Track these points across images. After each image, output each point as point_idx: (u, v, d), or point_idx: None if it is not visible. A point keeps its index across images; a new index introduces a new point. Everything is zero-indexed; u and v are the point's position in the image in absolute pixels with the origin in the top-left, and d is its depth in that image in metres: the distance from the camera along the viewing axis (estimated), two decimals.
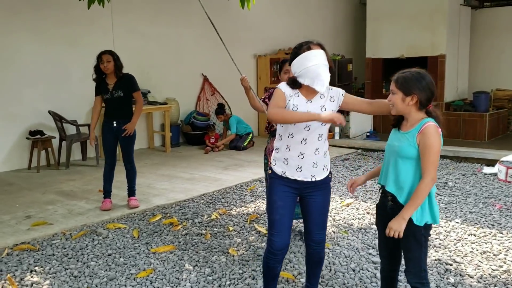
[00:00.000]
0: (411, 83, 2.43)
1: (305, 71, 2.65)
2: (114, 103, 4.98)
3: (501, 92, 10.94)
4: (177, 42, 9.08)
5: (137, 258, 3.95)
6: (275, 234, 2.78)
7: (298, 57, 2.70)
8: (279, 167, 2.78)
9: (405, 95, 2.44)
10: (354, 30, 13.00)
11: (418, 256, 2.53)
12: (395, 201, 2.51)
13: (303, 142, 2.72)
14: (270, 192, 2.82)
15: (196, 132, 8.97)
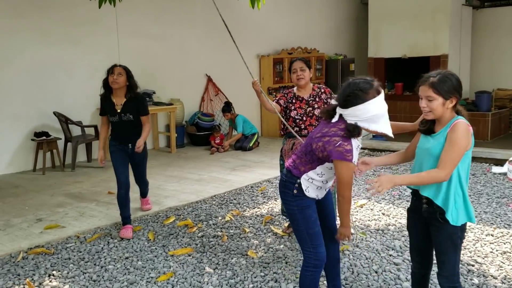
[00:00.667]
0: (450, 86, 2.37)
1: (373, 118, 2.47)
2: (125, 127, 4.40)
3: (502, 92, 10.96)
4: (181, 42, 9.03)
5: (155, 261, 3.91)
6: (319, 246, 2.74)
7: (367, 103, 2.44)
8: (313, 193, 2.73)
9: (445, 99, 2.37)
10: (355, 29, 13.00)
11: (453, 259, 2.48)
12: (430, 204, 2.46)
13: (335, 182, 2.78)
14: (303, 208, 2.72)
15: (201, 132, 8.92)
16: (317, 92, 4.18)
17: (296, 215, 2.74)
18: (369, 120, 2.49)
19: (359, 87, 2.47)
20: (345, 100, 2.50)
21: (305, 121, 4.10)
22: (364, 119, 2.48)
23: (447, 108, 2.39)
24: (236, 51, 9.34)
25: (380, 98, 2.49)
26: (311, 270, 2.75)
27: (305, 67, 4.12)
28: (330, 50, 11.90)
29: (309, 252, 2.74)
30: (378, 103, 2.47)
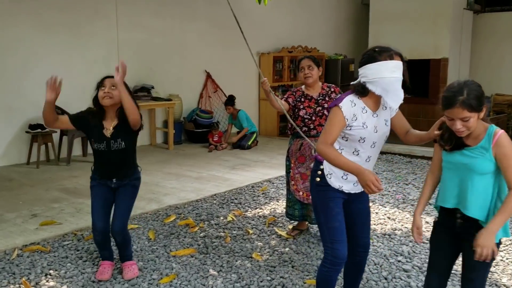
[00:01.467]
0: (480, 98, 2.20)
1: (380, 81, 2.41)
2: (113, 158, 3.32)
3: (501, 97, 10.95)
4: (181, 37, 8.87)
5: (157, 262, 3.77)
6: (338, 242, 2.60)
7: (376, 63, 2.41)
8: (337, 181, 2.59)
9: (479, 112, 2.21)
10: (356, 30, 12.91)
11: (482, 276, 2.34)
12: (467, 220, 2.31)
13: (367, 160, 2.59)
14: (325, 200, 2.62)
15: (199, 129, 8.77)
16: (326, 91, 4.06)
17: (317, 206, 2.67)
18: (377, 83, 2.42)
19: (375, 48, 2.49)
20: (362, 58, 2.51)
21: (314, 121, 3.98)
22: (372, 80, 2.43)
23: (478, 120, 2.23)
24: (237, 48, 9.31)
25: (392, 64, 2.41)
26: (327, 266, 2.66)
27: (313, 65, 4.00)
28: (330, 50, 11.79)
29: (327, 248, 2.66)
30: (389, 67, 2.40)
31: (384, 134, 2.60)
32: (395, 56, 2.44)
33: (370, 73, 2.44)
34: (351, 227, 2.75)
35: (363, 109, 2.51)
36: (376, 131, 2.54)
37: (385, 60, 2.41)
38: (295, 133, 4.10)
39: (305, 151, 4.02)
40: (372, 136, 2.53)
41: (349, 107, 2.48)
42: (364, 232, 2.77)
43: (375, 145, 2.57)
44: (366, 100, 2.52)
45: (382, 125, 2.57)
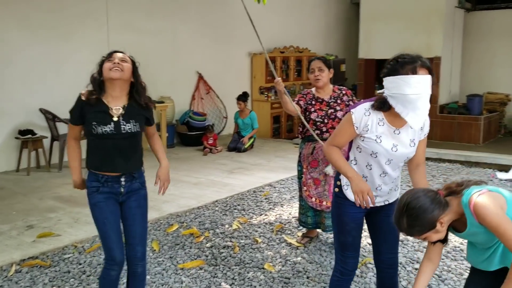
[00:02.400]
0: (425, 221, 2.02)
1: (400, 97, 2.21)
2: (122, 148, 2.67)
3: (492, 96, 10.98)
4: (172, 38, 8.66)
5: (165, 275, 3.59)
6: (349, 256, 2.56)
7: (397, 77, 2.20)
8: (352, 194, 2.42)
9: (433, 228, 2.05)
10: (346, 30, 12.84)
11: None
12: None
13: (382, 175, 2.44)
14: (340, 213, 2.53)
15: (193, 132, 8.57)
16: (338, 94, 3.92)
17: (334, 216, 2.59)
18: (397, 99, 2.21)
19: (399, 57, 2.27)
20: (385, 68, 2.31)
21: (327, 124, 3.84)
22: (392, 95, 2.24)
23: (444, 226, 2.06)
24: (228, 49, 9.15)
25: (415, 79, 2.17)
26: (337, 276, 2.61)
27: (324, 67, 3.86)
28: (321, 50, 11.69)
29: (338, 259, 2.62)
30: (410, 82, 2.17)
31: (406, 155, 2.39)
32: (419, 69, 2.20)
33: (390, 86, 2.24)
34: (375, 242, 2.65)
35: (381, 120, 2.33)
36: (396, 150, 2.34)
37: (407, 74, 2.19)
38: (307, 137, 3.96)
39: (318, 155, 3.88)
40: (387, 154, 2.35)
41: (361, 115, 2.33)
42: (387, 248, 2.59)
43: (390, 162, 2.39)
44: (388, 114, 2.32)
45: (405, 145, 2.36)
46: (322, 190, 3.92)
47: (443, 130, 9.82)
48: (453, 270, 3.67)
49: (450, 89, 10.82)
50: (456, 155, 7.09)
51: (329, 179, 3.89)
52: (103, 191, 2.66)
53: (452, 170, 6.83)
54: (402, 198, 2.11)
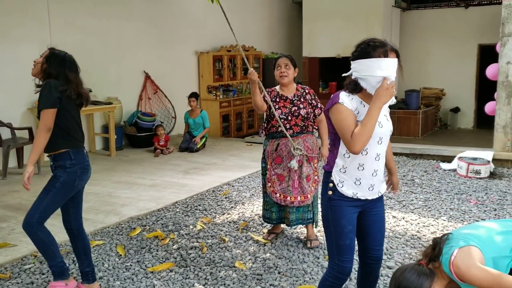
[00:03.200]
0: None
1: (371, 79, 2.33)
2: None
3: (428, 91, 11.57)
4: (117, 37, 8.43)
5: (135, 279, 3.52)
6: (347, 260, 2.52)
7: (369, 59, 2.32)
8: (350, 188, 2.46)
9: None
10: (289, 29, 13.04)
11: None
12: None
13: (377, 158, 2.47)
14: (337, 216, 2.49)
15: (142, 133, 8.40)
16: (301, 92, 4.01)
17: (329, 220, 2.51)
18: (367, 80, 2.34)
19: (369, 41, 2.39)
20: (355, 51, 2.41)
21: (290, 121, 3.91)
22: (363, 77, 2.36)
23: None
24: (175, 48, 9.03)
25: (386, 62, 2.31)
26: (331, 280, 2.57)
27: (290, 65, 3.93)
28: (266, 48, 11.82)
29: (334, 263, 2.55)
30: (382, 65, 2.30)
31: (388, 129, 2.50)
32: (390, 53, 2.36)
33: (361, 69, 2.36)
34: (363, 239, 2.65)
35: (361, 103, 2.42)
36: (382, 126, 2.43)
37: (379, 57, 2.32)
38: (271, 134, 4.01)
39: (282, 151, 3.94)
40: (377, 131, 2.41)
41: (348, 100, 2.39)
42: (376, 244, 2.64)
43: (381, 141, 2.46)
44: (362, 95, 2.43)
45: (385, 120, 2.47)
46: (286, 186, 3.99)
47: None
48: (414, 257, 3.85)
49: None
50: (401, 148, 7.43)
51: (292, 174, 3.96)
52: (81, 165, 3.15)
53: (398, 163, 7.16)
54: (393, 277, 2.27)
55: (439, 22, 11.49)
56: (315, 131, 4.13)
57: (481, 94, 10.91)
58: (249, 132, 10.50)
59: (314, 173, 4.02)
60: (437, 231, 4.41)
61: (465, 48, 11.16)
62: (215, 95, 9.94)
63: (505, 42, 6.88)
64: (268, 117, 3.98)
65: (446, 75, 11.44)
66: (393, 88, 2.33)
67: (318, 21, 11.07)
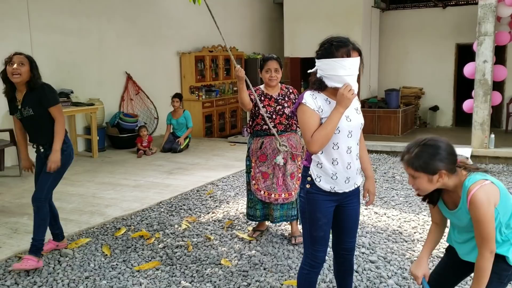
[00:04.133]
0: (431, 160, 2.09)
1: (335, 77, 2.42)
2: (29, 125, 3.69)
3: (408, 90, 11.75)
4: (99, 37, 8.39)
5: (122, 278, 3.54)
6: (320, 250, 2.63)
7: (333, 59, 2.40)
8: (327, 183, 2.54)
9: (431, 174, 2.11)
10: (270, 29, 13.11)
11: None
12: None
13: (348, 152, 2.54)
14: (313, 209, 2.58)
15: (124, 134, 8.37)
16: (285, 92, 4.07)
17: (305, 213, 2.61)
18: (332, 79, 2.43)
19: (333, 41, 2.46)
20: (319, 49, 2.49)
21: (275, 119, 3.97)
22: (327, 76, 2.44)
23: (438, 182, 2.13)
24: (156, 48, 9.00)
25: (349, 62, 2.40)
26: (307, 269, 2.67)
27: (279, 69, 4.00)
28: (248, 49, 11.87)
29: (308, 252, 2.66)
30: (345, 65, 2.39)
31: (359, 122, 2.57)
32: (352, 52, 2.45)
33: (325, 68, 2.45)
34: (337, 231, 2.73)
35: (326, 100, 2.50)
36: (350, 120, 2.52)
37: (342, 57, 2.41)
38: (255, 132, 4.06)
39: (266, 149, 4.00)
40: (346, 125, 2.50)
41: (311, 100, 2.48)
42: (350, 236, 2.74)
43: (351, 134, 2.53)
44: (327, 93, 2.51)
45: (354, 114, 2.55)
46: (270, 183, 4.04)
47: (365, 124, 10.09)
48: (395, 251, 3.95)
49: (369, 85, 11.45)
50: (382, 146, 7.56)
51: (276, 172, 4.01)
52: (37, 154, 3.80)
53: (379, 160, 7.28)
54: (424, 136, 2.20)
55: (417, 22, 11.68)
56: (298, 130, 4.19)
57: (459, 93, 11.12)
58: (232, 132, 10.53)
59: (298, 171, 4.08)
60: (418, 226, 4.51)
61: (443, 47, 11.37)
62: (197, 95, 9.95)
63: (482, 41, 7.06)
64: (253, 115, 4.03)
65: (425, 74, 11.63)
66: (352, 92, 2.39)
67: (299, 22, 11.16)
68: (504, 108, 10.63)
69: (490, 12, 7.07)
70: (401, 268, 3.63)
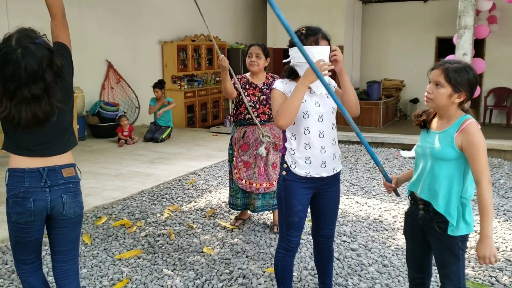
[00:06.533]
0: (464, 79, 2.16)
1: (305, 65, 2.43)
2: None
3: (389, 82, 11.85)
4: (79, 25, 8.22)
5: (102, 267, 3.51)
6: (294, 235, 2.69)
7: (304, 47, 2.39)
8: (302, 168, 2.57)
9: (454, 91, 2.16)
10: (253, 19, 13.05)
11: (456, 271, 2.26)
12: (427, 210, 2.28)
13: (320, 136, 2.57)
14: (289, 196, 2.61)
15: (105, 123, 8.27)
16: (271, 81, 4.05)
17: (281, 199, 2.66)
18: (302, 67, 2.47)
19: (303, 30, 2.54)
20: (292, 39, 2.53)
21: (258, 109, 3.96)
22: (298, 64, 2.52)
23: (453, 102, 2.19)
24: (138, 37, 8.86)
25: (317, 49, 2.44)
26: (282, 252, 2.73)
27: (262, 55, 3.96)
28: (231, 38, 11.80)
29: (283, 237, 2.72)
30: (313, 52, 2.42)
31: (330, 107, 2.58)
32: (321, 41, 2.50)
33: (296, 56, 2.50)
34: (316, 218, 2.77)
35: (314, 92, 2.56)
36: (319, 105, 2.56)
37: (311, 44, 2.47)
38: (239, 121, 4.05)
39: (249, 138, 4.00)
40: (315, 110, 2.54)
41: (282, 86, 2.57)
42: (328, 224, 2.78)
43: (322, 118, 2.56)
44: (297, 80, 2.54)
45: (324, 99, 2.58)
46: (252, 173, 4.05)
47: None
48: (376, 239, 4.00)
49: (351, 76, 11.51)
50: (364, 137, 7.60)
51: (258, 161, 4.02)
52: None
53: (361, 151, 7.34)
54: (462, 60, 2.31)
55: (399, 15, 11.77)
56: None
57: None
58: (214, 122, 10.50)
59: (280, 161, 4.08)
60: (398, 215, 4.58)
61: (424, 40, 11.48)
62: (179, 85, 9.88)
63: (462, 34, 7.15)
64: (237, 104, 4.02)
65: (406, 66, 11.74)
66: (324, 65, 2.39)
67: (282, 12, 10.98)
68: (482, 101, 10.81)
69: (470, 5, 7.15)
70: (381, 256, 3.68)
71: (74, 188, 2.30)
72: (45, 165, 2.20)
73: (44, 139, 2.21)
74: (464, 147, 2.15)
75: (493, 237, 3.91)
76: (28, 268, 2.37)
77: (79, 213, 2.33)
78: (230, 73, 3.87)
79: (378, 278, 3.33)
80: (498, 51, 10.58)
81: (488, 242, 2.10)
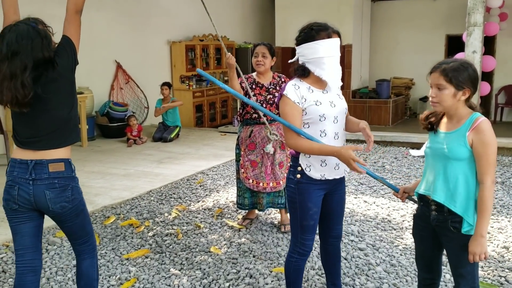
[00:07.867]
0: (464, 76, 2.16)
1: (318, 61, 2.44)
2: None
3: (398, 80, 11.78)
4: (88, 26, 8.23)
5: (111, 266, 3.53)
6: (309, 239, 2.64)
7: (314, 42, 2.44)
8: (317, 171, 2.54)
9: (457, 89, 2.16)
10: (262, 18, 13.04)
11: (471, 271, 2.25)
12: (440, 211, 2.24)
13: (335, 137, 2.54)
14: (304, 199, 2.57)
15: (114, 123, 8.31)
16: (277, 80, 4.05)
17: (296, 203, 2.60)
18: (316, 63, 2.46)
19: (312, 25, 2.51)
20: (299, 36, 2.53)
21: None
22: (311, 60, 2.47)
23: (459, 100, 2.18)
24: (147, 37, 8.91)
25: (329, 42, 2.45)
26: (295, 257, 2.68)
27: (268, 54, 3.96)
28: (239, 38, 11.80)
29: (297, 241, 2.66)
30: (326, 46, 2.44)
31: (343, 107, 2.59)
32: (333, 34, 2.49)
33: (307, 52, 2.47)
34: (325, 218, 2.74)
35: (309, 89, 2.51)
36: (334, 106, 2.53)
37: (323, 39, 2.45)
38: (245, 120, 4.05)
39: (256, 138, 3.99)
40: (331, 112, 2.51)
41: (293, 91, 2.48)
42: (337, 223, 2.77)
43: (337, 120, 2.54)
44: (310, 80, 2.52)
45: (337, 99, 2.57)
46: (259, 172, 4.05)
47: (356, 114, 10.38)
48: (384, 239, 3.98)
49: (360, 75, 11.46)
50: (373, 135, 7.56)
51: (265, 161, 4.02)
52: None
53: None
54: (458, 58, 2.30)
55: (408, 13, 11.69)
56: None
57: None
58: (222, 122, 10.51)
59: (287, 160, 4.08)
60: (406, 214, 4.55)
61: (434, 38, 11.39)
62: (188, 85, 9.90)
63: (471, 32, 7.08)
64: (244, 103, 4.01)
65: (415, 65, 11.64)
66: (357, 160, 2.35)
67: (290, 11, 11.11)
68: (492, 99, 10.71)
69: (480, 2, 7.07)
70: (389, 256, 3.66)
71: (61, 184, 2.31)
72: (33, 158, 2.26)
73: (35, 133, 2.27)
74: (475, 145, 2.15)
75: (503, 237, 3.89)
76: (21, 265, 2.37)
77: (69, 208, 2.34)
78: (237, 71, 3.87)
79: (385, 278, 3.31)
80: (508, 49, 10.47)
81: (481, 241, 2.13)
